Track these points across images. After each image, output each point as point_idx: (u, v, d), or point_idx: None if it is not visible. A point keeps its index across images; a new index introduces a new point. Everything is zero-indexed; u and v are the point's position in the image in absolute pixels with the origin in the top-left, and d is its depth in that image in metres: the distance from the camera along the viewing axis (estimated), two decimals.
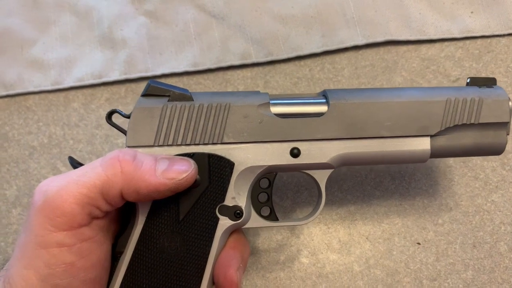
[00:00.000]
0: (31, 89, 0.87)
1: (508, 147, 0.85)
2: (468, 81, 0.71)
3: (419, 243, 0.81)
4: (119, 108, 0.86)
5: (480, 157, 0.85)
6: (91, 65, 0.88)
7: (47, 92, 0.88)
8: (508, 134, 0.68)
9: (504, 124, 0.67)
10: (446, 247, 0.81)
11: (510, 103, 0.67)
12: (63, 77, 0.88)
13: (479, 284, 0.80)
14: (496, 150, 0.69)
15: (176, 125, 0.62)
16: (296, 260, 0.81)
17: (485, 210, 0.83)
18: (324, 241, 0.81)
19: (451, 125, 0.66)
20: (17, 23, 0.89)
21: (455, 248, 0.81)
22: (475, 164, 0.85)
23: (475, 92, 0.68)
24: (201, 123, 0.62)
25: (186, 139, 0.62)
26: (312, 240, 0.82)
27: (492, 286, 0.80)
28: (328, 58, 0.90)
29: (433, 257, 0.81)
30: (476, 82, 0.70)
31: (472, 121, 0.66)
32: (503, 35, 0.91)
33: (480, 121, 0.67)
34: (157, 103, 0.62)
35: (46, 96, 0.88)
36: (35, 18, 0.90)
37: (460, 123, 0.66)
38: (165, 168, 0.57)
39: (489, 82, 0.70)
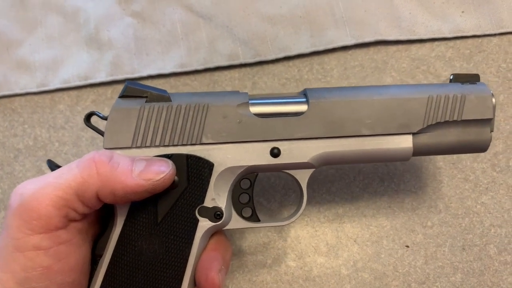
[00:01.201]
0: (17, 91, 0.87)
1: (498, 148, 0.84)
2: (451, 77, 0.70)
3: (407, 246, 0.80)
4: (106, 110, 0.86)
5: (470, 159, 0.84)
6: (77, 66, 0.87)
7: (33, 94, 0.87)
8: (492, 131, 0.67)
9: (488, 121, 0.66)
10: (435, 250, 0.80)
11: (493, 99, 0.66)
12: (49, 78, 0.87)
13: (468, 287, 0.79)
14: (480, 147, 0.68)
15: (154, 126, 0.61)
16: (283, 264, 0.80)
17: (475, 212, 0.82)
18: (311, 244, 0.80)
19: (433, 123, 0.65)
20: (3, 24, 0.89)
21: (444, 251, 0.80)
22: (465, 165, 0.84)
23: (458, 89, 0.67)
24: (179, 123, 0.62)
25: (164, 140, 0.61)
26: (300, 243, 0.80)
27: None
28: (316, 59, 0.89)
29: (421, 260, 0.80)
30: (459, 78, 0.69)
31: (455, 118, 0.66)
32: (494, 35, 0.90)
33: (463, 118, 0.66)
34: (134, 104, 0.61)
35: (32, 98, 0.87)
36: (22, 18, 0.90)
37: (442, 120, 0.65)
38: (142, 169, 0.56)
39: (472, 79, 0.69)
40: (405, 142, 0.65)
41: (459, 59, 0.88)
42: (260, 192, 0.82)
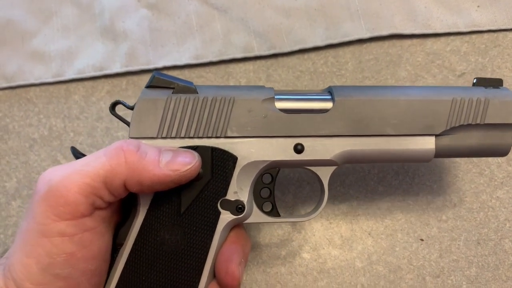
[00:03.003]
0: (32, 81, 0.87)
1: None
2: (474, 81, 0.70)
3: (422, 240, 0.81)
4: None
5: None
6: (92, 57, 0.87)
7: (48, 84, 0.87)
8: None
9: (510, 126, 0.67)
10: (449, 243, 0.81)
11: None
12: (64, 69, 0.87)
13: (483, 281, 0.79)
14: (502, 152, 0.68)
15: (180, 118, 0.61)
16: (297, 256, 0.80)
17: (489, 207, 0.82)
18: (326, 237, 0.81)
19: (457, 125, 0.66)
20: (18, 15, 0.89)
21: (458, 244, 0.81)
22: (480, 160, 0.84)
23: (481, 93, 0.67)
24: (205, 116, 0.62)
25: (190, 132, 0.61)
26: (314, 235, 0.81)
27: (496, 284, 0.79)
28: (331, 52, 0.89)
29: (436, 254, 0.80)
30: (483, 82, 0.69)
31: (478, 122, 0.66)
32: (510, 30, 0.90)
33: (486, 122, 0.66)
34: (161, 95, 0.62)
35: (47, 88, 0.87)
36: (37, 9, 0.90)
37: (465, 123, 0.66)
38: (169, 160, 0.57)
39: (496, 83, 0.69)
40: (428, 144, 0.65)
41: (474, 54, 0.89)
42: (275, 186, 0.82)
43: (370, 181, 0.83)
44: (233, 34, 0.88)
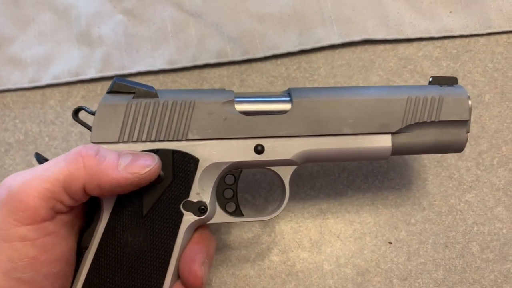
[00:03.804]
0: (9, 86, 0.87)
1: (483, 147, 0.85)
2: (430, 80, 0.72)
3: (390, 243, 0.81)
4: (95, 105, 0.86)
5: (455, 157, 0.85)
6: (68, 62, 0.88)
7: (24, 90, 0.88)
8: (468, 132, 0.69)
9: (464, 122, 0.68)
10: (417, 246, 0.81)
11: (469, 102, 0.68)
12: (40, 74, 0.88)
13: (450, 284, 0.80)
14: (457, 148, 0.70)
15: (141, 122, 0.62)
16: (266, 258, 0.81)
17: (458, 210, 0.83)
18: (295, 239, 0.81)
19: (412, 123, 0.67)
20: None
21: (426, 248, 0.81)
22: (449, 163, 0.85)
23: (436, 91, 0.69)
24: (166, 120, 0.63)
25: (151, 135, 0.62)
26: (283, 238, 0.82)
27: (463, 286, 0.80)
28: (304, 57, 0.90)
29: (404, 257, 0.81)
30: (438, 81, 0.71)
31: (433, 119, 0.67)
32: (482, 35, 0.91)
33: (440, 119, 0.68)
34: (122, 100, 0.62)
35: (23, 94, 0.88)
36: (15, 16, 0.90)
37: (420, 121, 0.67)
38: (127, 163, 0.57)
39: (450, 81, 0.71)
40: (385, 142, 0.67)
41: (446, 59, 0.89)
42: (245, 188, 0.83)
43: (339, 185, 0.84)
44: (208, 40, 0.89)
